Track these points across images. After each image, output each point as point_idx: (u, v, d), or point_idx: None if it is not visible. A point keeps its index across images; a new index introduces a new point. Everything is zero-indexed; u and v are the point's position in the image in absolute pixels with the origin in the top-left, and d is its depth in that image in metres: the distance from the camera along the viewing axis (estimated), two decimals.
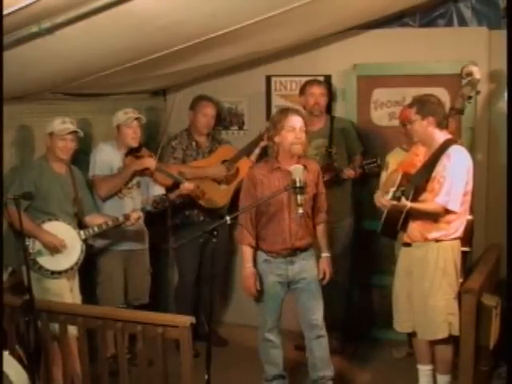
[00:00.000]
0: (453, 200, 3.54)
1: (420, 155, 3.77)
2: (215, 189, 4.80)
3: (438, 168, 3.58)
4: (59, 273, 3.93)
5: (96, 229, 4.11)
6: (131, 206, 4.41)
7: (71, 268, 3.99)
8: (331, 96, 4.92)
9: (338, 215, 4.59)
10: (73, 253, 4.00)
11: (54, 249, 3.89)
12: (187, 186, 4.51)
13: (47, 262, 3.88)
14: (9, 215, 3.59)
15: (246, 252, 3.84)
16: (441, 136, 3.65)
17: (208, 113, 4.85)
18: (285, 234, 3.76)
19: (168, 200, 4.46)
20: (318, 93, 4.67)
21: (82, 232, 4.06)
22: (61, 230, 3.96)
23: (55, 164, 4.02)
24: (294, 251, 3.79)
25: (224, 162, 4.87)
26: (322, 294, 3.87)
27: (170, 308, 5.18)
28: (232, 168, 4.86)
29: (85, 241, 4.06)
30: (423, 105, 3.65)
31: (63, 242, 3.92)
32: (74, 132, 3.99)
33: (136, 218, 4.21)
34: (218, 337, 5.02)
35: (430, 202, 3.58)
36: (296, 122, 3.70)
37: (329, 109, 4.92)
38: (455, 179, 3.54)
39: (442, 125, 3.65)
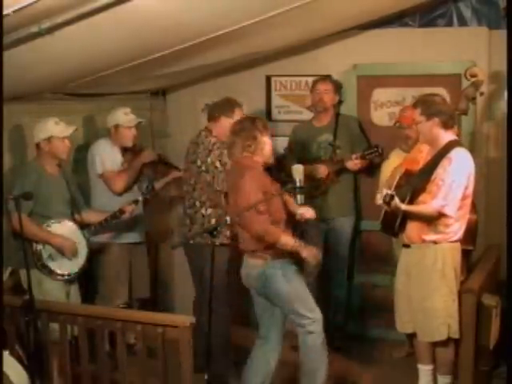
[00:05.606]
0: (449, 205, 3.51)
1: (423, 152, 3.75)
2: None
3: (439, 170, 3.56)
4: (68, 275, 3.94)
5: (98, 226, 4.12)
6: (130, 199, 4.36)
7: (82, 269, 4.00)
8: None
9: (338, 211, 4.63)
10: (81, 253, 4.00)
11: (69, 251, 3.90)
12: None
13: (57, 266, 3.88)
14: (16, 223, 3.48)
15: None
16: (445, 137, 3.62)
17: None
18: None
19: (153, 189, 4.56)
20: (321, 89, 4.70)
21: (85, 231, 4.06)
22: (67, 231, 3.96)
23: (48, 166, 3.97)
24: None
25: None
26: None
27: (170, 307, 5.17)
28: None
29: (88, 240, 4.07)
30: (428, 106, 3.61)
31: (74, 244, 3.94)
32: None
33: (130, 210, 4.21)
34: None
35: (426, 204, 3.56)
36: None
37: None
38: (454, 184, 3.51)
39: (447, 125, 3.62)
